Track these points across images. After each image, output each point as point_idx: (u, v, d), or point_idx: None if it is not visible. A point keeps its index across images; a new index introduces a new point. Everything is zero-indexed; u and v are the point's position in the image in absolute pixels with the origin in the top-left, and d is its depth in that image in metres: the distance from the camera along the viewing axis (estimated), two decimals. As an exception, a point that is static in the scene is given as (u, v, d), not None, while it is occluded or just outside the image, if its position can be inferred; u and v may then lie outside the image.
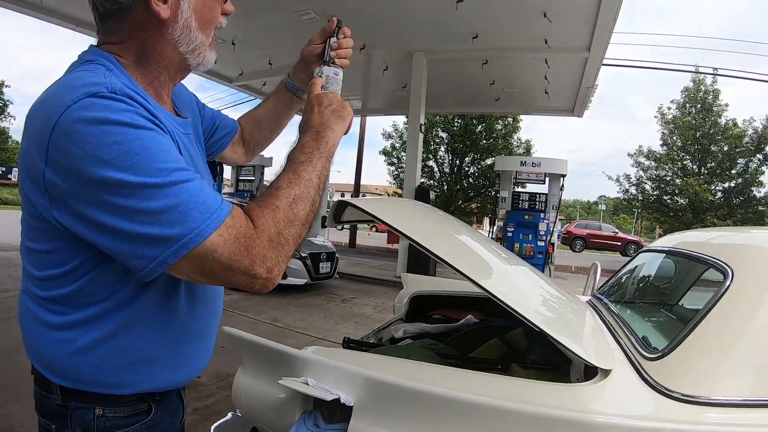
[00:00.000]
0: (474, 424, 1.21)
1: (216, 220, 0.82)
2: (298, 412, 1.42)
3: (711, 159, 20.82)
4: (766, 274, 1.52)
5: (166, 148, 0.83)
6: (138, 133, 0.80)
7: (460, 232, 2.11)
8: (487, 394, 1.26)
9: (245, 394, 1.56)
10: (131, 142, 0.78)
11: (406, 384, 1.29)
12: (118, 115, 0.79)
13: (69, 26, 10.56)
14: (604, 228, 29.11)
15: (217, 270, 0.84)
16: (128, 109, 0.81)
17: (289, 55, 11.89)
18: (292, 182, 0.93)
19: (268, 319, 6.72)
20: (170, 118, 1.03)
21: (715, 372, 1.36)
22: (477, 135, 21.97)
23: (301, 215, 0.92)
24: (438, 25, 9.51)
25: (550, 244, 10.99)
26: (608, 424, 1.17)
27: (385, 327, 2.61)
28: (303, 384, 1.33)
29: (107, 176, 0.77)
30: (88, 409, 0.99)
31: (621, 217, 59.96)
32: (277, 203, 0.90)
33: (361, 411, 1.30)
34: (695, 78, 21.17)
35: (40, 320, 0.96)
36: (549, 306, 1.91)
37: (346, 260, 14.15)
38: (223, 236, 0.82)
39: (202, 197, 0.82)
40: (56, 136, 0.78)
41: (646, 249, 2.94)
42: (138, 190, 0.78)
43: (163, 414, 1.11)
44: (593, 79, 11.39)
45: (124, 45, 0.98)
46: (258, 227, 0.86)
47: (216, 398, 3.80)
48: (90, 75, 0.86)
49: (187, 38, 1.01)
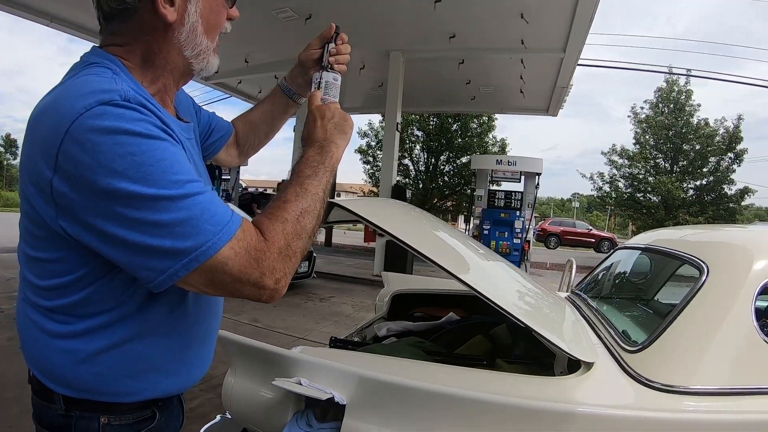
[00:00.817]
0: (463, 418, 1.24)
1: (227, 233, 0.82)
2: (291, 412, 1.44)
3: (683, 157, 21.23)
4: (739, 270, 1.59)
5: (179, 159, 0.83)
6: (152, 143, 0.79)
7: (442, 231, 2.15)
8: (475, 388, 1.30)
9: (235, 395, 1.56)
10: (145, 153, 0.78)
11: (397, 381, 1.32)
12: (132, 125, 0.78)
13: (43, 22, 10.34)
14: (578, 225, 29.47)
15: (227, 282, 0.84)
16: (142, 119, 0.80)
17: (265, 52, 11.84)
18: (299, 196, 0.94)
19: (248, 319, 6.68)
20: (176, 124, 1.01)
21: (693, 363, 1.42)
22: (452, 133, 22.05)
23: (308, 228, 0.93)
24: (415, 24, 9.55)
25: (526, 241, 11.11)
26: (593, 415, 1.22)
27: (368, 326, 2.63)
28: (296, 384, 1.35)
29: (120, 187, 0.76)
30: (93, 419, 0.98)
31: (594, 214, 60.78)
32: (286, 216, 0.90)
33: (353, 409, 1.33)
34: (668, 78, 21.63)
35: (43, 329, 0.93)
36: (531, 302, 1.95)
37: (323, 259, 14.10)
38: (234, 249, 0.82)
39: (213, 210, 0.82)
40: (67, 145, 0.76)
41: (622, 246, 3.00)
42: (151, 202, 0.77)
43: (166, 420, 1.10)
44: (568, 79, 11.55)
45: (129, 48, 0.97)
46: (268, 240, 0.87)
47: (200, 401, 3.77)
48: (99, 80, 0.84)
49: (193, 42, 1.00)
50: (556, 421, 1.21)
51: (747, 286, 1.51)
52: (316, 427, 1.38)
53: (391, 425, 1.29)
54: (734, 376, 1.39)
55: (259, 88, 15.07)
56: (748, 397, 1.32)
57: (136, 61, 0.97)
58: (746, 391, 1.34)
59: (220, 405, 2.03)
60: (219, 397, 3.13)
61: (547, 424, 1.21)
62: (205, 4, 1.00)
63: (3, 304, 6.28)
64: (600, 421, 1.21)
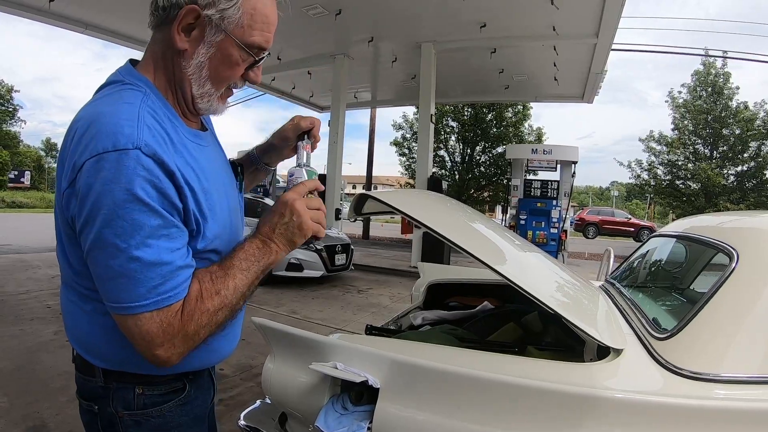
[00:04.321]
0: (495, 401, 1.28)
1: (160, 303, 0.92)
2: (327, 396, 1.50)
3: (723, 143, 20.60)
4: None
5: (152, 225, 0.91)
6: (139, 208, 0.88)
7: (476, 221, 2.18)
8: (505, 373, 1.33)
9: (274, 380, 1.63)
10: (133, 214, 0.88)
11: (429, 365, 1.37)
12: (131, 186, 0.87)
13: (78, 30, 10.68)
14: (616, 214, 28.89)
15: (130, 332, 0.94)
16: (143, 177, 0.88)
17: (297, 49, 11.97)
18: (228, 291, 1.00)
19: (286, 311, 6.83)
20: (187, 133, 1.08)
21: (722, 350, 1.41)
22: (487, 123, 21.89)
23: (220, 320, 1.01)
24: (445, 15, 9.51)
25: (563, 231, 10.99)
26: (620, 400, 1.23)
27: (404, 315, 2.69)
28: (332, 368, 1.42)
29: (101, 231, 0.88)
30: (128, 389, 1.09)
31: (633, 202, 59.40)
32: (209, 307, 0.97)
33: (387, 392, 1.38)
34: (705, 61, 20.94)
35: (81, 308, 1.05)
36: (563, 290, 1.96)
37: (360, 252, 14.22)
38: (154, 318, 0.92)
39: (159, 279, 0.91)
40: (83, 174, 0.89)
41: (657, 234, 2.98)
42: (113, 250, 0.88)
43: (196, 392, 1.20)
44: (602, 64, 11.34)
45: (156, 68, 1.06)
46: (184, 321, 0.95)
47: (240, 389, 3.90)
48: (127, 111, 0.93)
49: (198, 80, 1.06)
50: (583, 404, 1.22)
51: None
52: (351, 410, 1.44)
53: (424, 408, 1.34)
54: (764, 364, 1.35)
55: (293, 84, 15.23)
56: None
57: (162, 81, 1.06)
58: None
59: (259, 393, 2.12)
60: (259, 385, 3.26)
61: (574, 407, 1.22)
62: (219, 54, 1.04)
63: (49, 300, 6.59)
64: (627, 406, 1.22)
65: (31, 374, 3.93)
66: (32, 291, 7.14)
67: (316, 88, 15.42)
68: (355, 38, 11.10)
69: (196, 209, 1.01)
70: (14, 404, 3.40)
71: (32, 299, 6.61)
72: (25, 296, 6.83)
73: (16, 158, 40.75)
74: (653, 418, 1.19)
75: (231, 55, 1.05)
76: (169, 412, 1.13)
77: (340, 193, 13.62)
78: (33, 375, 3.91)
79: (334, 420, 1.42)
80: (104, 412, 1.10)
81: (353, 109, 18.06)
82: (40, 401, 3.42)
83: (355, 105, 17.34)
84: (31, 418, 3.21)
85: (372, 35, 10.72)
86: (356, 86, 15.04)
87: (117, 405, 1.09)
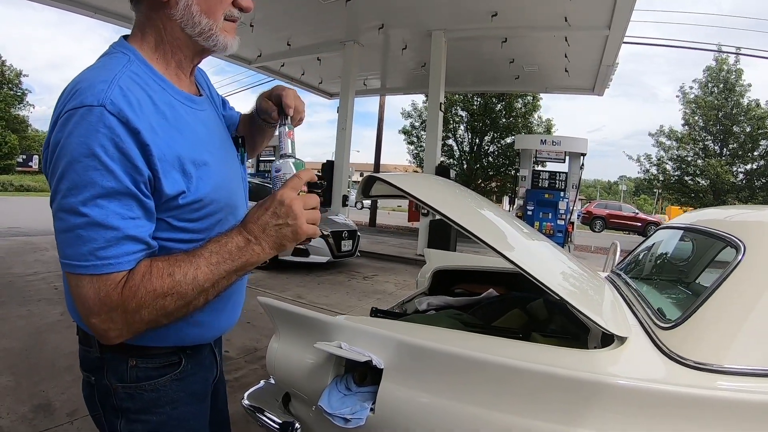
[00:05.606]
0: (497, 384, 1.29)
1: (100, 268, 0.89)
2: (331, 376, 1.51)
3: (733, 140, 20.49)
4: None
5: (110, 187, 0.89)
6: (94, 165, 0.87)
7: (485, 207, 2.18)
8: (510, 356, 1.33)
9: (279, 360, 1.64)
10: (88, 171, 0.87)
11: (435, 346, 1.38)
12: (89, 142, 0.86)
13: (87, 14, 10.71)
14: (624, 208, 28.73)
15: (73, 293, 0.92)
16: (103, 134, 0.87)
17: (307, 35, 11.94)
18: (184, 276, 0.94)
19: (292, 296, 6.86)
20: (178, 96, 1.07)
21: (726, 341, 1.40)
22: (497, 113, 21.80)
23: (168, 308, 0.94)
24: (457, 3, 9.46)
25: (570, 222, 10.97)
26: (622, 387, 1.23)
27: (409, 300, 2.69)
28: (337, 347, 1.43)
29: (58, 184, 0.89)
30: (122, 360, 1.08)
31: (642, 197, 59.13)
32: (156, 286, 0.92)
33: (390, 373, 1.39)
34: (717, 57, 20.76)
35: None
36: (569, 278, 1.96)
37: (367, 239, 14.24)
38: (93, 284, 0.89)
39: (102, 243, 0.88)
40: (55, 131, 0.90)
41: (664, 226, 2.97)
42: (65, 203, 0.88)
43: (194, 367, 1.19)
44: (614, 57, 11.25)
45: (144, 33, 1.06)
46: (124, 296, 0.90)
47: (244, 371, 3.93)
48: (104, 74, 0.93)
49: (191, 21, 1.04)
50: (584, 390, 1.23)
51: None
52: (355, 391, 1.45)
53: (426, 389, 1.35)
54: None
55: (302, 70, 15.19)
56: None
57: (150, 44, 1.06)
58: None
59: (264, 375, 2.13)
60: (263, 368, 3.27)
61: (575, 392, 1.23)
62: None
63: (56, 281, 6.64)
64: (629, 393, 1.21)
65: (38, 354, 3.98)
66: (40, 272, 7.20)
67: (326, 75, 15.37)
68: (365, 25, 11.05)
69: (175, 168, 0.99)
70: (21, 383, 3.45)
71: (40, 281, 6.67)
72: (33, 278, 6.88)
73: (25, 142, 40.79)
74: (655, 406, 1.19)
75: None
76: (163, 386, 1.13)
77: (348, 180, 13.62)
78: (40, 355, 3.96)
79: (338, 400, 1.44)
80: (100, 384, 1.11)
81: (362, 96, 18.02)
82: (46, 380, 3.47)
83: (364, 92, 17.30)
84: (37, 396, 3.25)
85: (382, 22, 10.67)
86: (366, 73, 14.99)
87: (111, 377, 1.09)
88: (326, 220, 9.55)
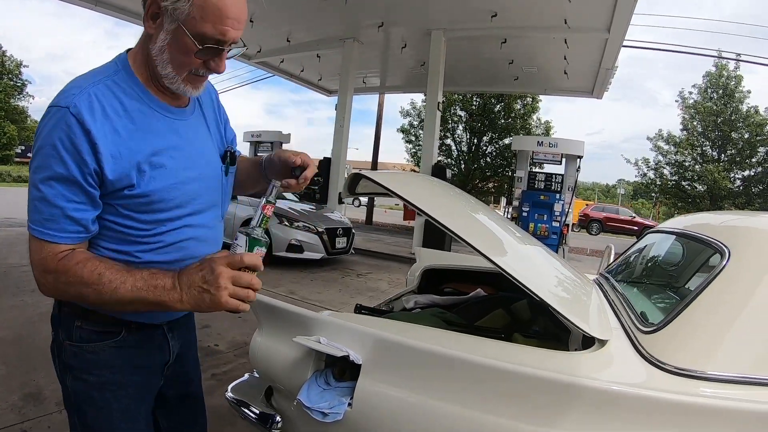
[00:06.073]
0: (472, 382, 1.30)
1: (42, 234, 1.09)
2: (311, 371, 1.52)
3: (731, 146, 20.58)
4: (762, 255, 1.56)
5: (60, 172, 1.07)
6: (52, 153, 1.07)
7: (472, 207, 2.18)
8: (486, 356, 1.34)
9: (261, 354, 1.65)
10: (48, 157, 1.07)
11: (411, 343, 1.39)
12: (52, 134, 1.07)
13: (87, 6, 10.68)
14: (621, 212, 28.82)
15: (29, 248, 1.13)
16: (62, 129, 1.06)
17: (306, 32, 11.93)
18: (110, 282, 1.10)
19: (284, 291, 6.87)
20: (156, 105, 1.22)
21: (707, 348, 1.39)
22: (495, 114, 21.83)
23: (85, 295, 1.12)
24: (456, 2, 9.46)
25: (565, 225, 10.98)
26: (598, 388, 1.23)
27: (397, 298, 2.70)
28: (315, 342, 1.44)
29: (31, 162, 1.12)
30: (71, 320, 1.26)
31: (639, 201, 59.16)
32: (82, 275, 1.10)
33: (369, 369, 1.40)
34: (717, 63, 20.81)
35: None
36: (552, 279, 1.97)
37: (362, 236, 14.25)
38: (38, 246, 1.11)
39: (48, 215, 1.09)
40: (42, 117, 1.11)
41: (653, 230, 2.98)
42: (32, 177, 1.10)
43: (137, 342, 1.32)
44: (613, 60, 11.27)
45: (139, 49, 1.22)
46: (59, 267, 1.10)
47: (233, 365, 3.94)
48: (82, 81, 1.13)
49: (161, 62, 1.17)
50: (559, 390, 1.23)
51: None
52: (334, 386, 1.46)
53: (403, 386, 1.35)
54: (750, 365, 1.32)
55: (301, 67, 15.19)
56: (760, 388, 1.26)
57: (140, 60, 1.22)
58: (760, 382, 1.27)
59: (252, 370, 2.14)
60: (252, 361, 3.26)
61: (550, 393, 1.23)
62: (174, 41, 1.14)
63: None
64: (602, 396, 1.21)
65: (30, 344, 3.99)
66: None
67: (325, 72, 15.36)
68: (365, 23, 11.05)
69: (131, 164, 1.14)
70: (12, 372, 3.46)
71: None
72: (27, 269, 6.75)
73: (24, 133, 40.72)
74: (630, 410, 1.19)
75: (185, 44, 1.13)
76: (102, 351, 1.27)
77: (345, 177, 13.62)
78: (32, 345, 3.96)
79: (317, 394, 1.45)
80: (57, 339, 1.30)
81: (362, 94, 18.02)
82: (37, 369, 3.47)
83: (363, 90, 17.30)
84: (27, 385, 3.26)
85: (382, 20, 10.67)
86: (365, 71, 14.99)
87: (63, 333, 1.28)
88: (321, 217, 9.57)
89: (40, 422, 2.84)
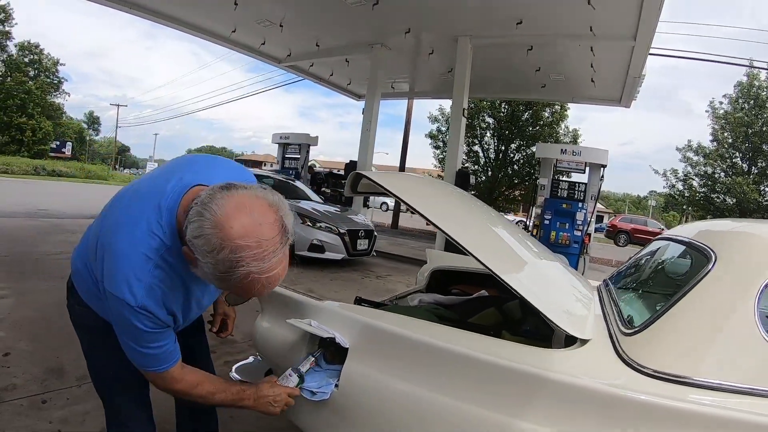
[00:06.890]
0: (449, 370, 1.40)
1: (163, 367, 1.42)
2: (304, 353, 1.65)
3: (762, 158, 20.05)
4: (747, 261, 1.54)
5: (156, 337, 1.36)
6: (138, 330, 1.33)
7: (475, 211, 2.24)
8: (465, 347, 1.43)
9: (263, 337, 1.79)
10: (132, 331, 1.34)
11: (395, 330, 1.51)
12: (132, 320, 1.30)
13: (123, 9, 11.01)
14: (649, 223, 28.32)
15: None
16: (143, 315, 1.30)
17: (335, 37, 12.09)
18: (206, 389, 1.49)
19: (303, 289, 6.89)
20: (185, 268, 1.34)
21: (685, 352, 1.39)
22: (524, 122, 21.73)
23: (201, 394, 1.49)
24: (483, 9, 9.48)
25: (587, 234, 10.89)
26: (567, 383, 1.30)
27: (404, 296, 2.80)
28: (306, 324, 1.57)
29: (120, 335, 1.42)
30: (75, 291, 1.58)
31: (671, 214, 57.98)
32: (195, 392, 1.48)
33: (356, 353, 1.52)
34: (749, 72, 20.30)
35: None
36: (542, 280, 2.01)
37: (387, 240, 14.29)
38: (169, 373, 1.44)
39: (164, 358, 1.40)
40: (108, 299, 1.32)
41: (659, 237, 3.01)
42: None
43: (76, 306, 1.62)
44: (640, 68, 11.15)
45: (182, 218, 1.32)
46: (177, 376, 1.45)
47: (246, 354, 4.07)
48: (138, 266, 1.28)
49: None
50: (531, 383, 1.31)
51: (753, 278, 1.45)
52: (324, 367, 1.59)
53: (386, 372, 1.46)
54: (728, 372, 1.31)
55: (331, 71, 15.35)
56: (737, 396, 1.26)
57: (183, 217, 1.29)
58: (736, 390, 1.27)
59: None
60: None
61: (522, 385, 1.32)
62: None
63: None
64: (572, 390, 1.27)
65: (56, 324, 4.16)
66: (66, 252, 7.44)
67: (354, 76, 15.50)
68: (392, 29, 11.15)
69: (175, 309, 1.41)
70: (37, 348, 3.67)
71: (65, 259, 6.87)
72: (58, 256, 7.17)
73: (59, 129, 41.96)
74: (597, 406, 1.24)
75: None
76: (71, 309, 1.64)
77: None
78: (58, 325, 4.12)
79: (308, 375, 1.58)
80: (68, 302, 1.64)
81: (390, 99, 18.09)
82: (61, 348, 3.66)
83: (392, 95, 17.38)
84: (50, 361, 3.46)
85: (409, 26, 10.76)
86: (394, 76, 15.06)
87: (72, 299, 1.61)
88: (344, 219, 9.66)
89: (60, 394, 3.01)
